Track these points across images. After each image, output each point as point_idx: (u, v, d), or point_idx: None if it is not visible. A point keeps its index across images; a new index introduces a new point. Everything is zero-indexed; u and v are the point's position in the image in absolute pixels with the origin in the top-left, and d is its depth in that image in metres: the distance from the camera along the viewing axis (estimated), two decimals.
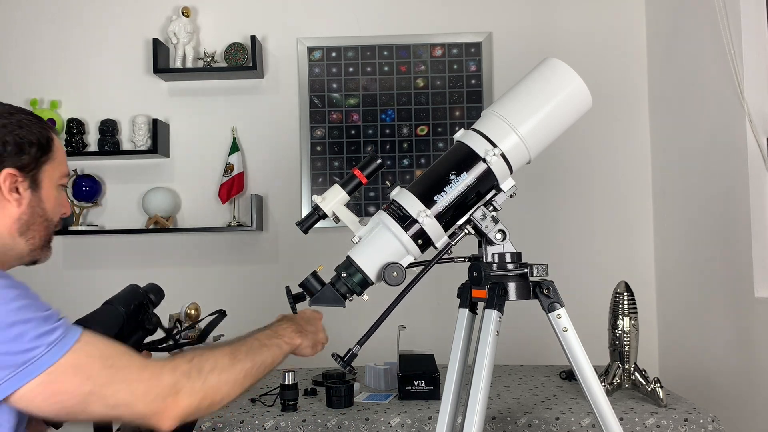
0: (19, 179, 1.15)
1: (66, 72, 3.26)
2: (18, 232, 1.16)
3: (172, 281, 3.18)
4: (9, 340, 0.96)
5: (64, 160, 1.25)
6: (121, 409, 1.03)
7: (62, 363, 0.99)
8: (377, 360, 2.29)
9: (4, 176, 1.13)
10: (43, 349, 0.98)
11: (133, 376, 1.04)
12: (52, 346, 0.99)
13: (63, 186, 1.25)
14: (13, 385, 0.96)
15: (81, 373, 1.00)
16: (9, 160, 1.13)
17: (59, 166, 1.23)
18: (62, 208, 1.25)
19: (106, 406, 1.02)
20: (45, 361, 0.97)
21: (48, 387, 0.98)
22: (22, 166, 1.15)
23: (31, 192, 1.17)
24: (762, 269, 2.34)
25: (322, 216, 1.42)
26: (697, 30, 2.71)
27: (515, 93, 1.43)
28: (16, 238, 1.16)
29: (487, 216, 1.40)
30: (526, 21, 3.24)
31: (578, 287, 2.98)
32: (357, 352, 1.33)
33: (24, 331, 0.97)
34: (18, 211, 1.15)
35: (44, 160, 1.18)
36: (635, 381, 1.97)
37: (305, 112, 3.23)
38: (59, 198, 1.23)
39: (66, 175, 1.26)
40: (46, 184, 1.19)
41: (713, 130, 2.61)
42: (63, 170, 1.24)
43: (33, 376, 0.97)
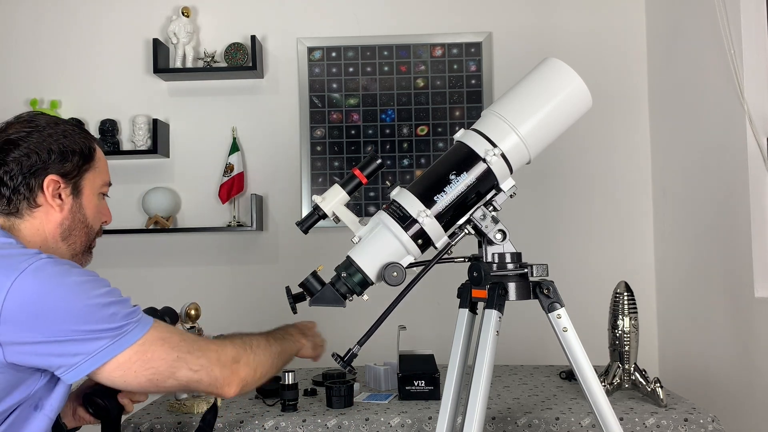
0: (62, 185, 1.22)
1: (66, 72, 3.26)
2: (60, 237, 1.23)
3: (172, 281, 3.22)
4: (107, 315, 1.09)
5: (105, 170, 1.32)
6: (201, 373, 1.18)
7: (150, 335, 1.13)
8: (377, 360, 2.29)
9: (47, 182, 1.20)
10: (133, 325, 1.12)
11: (206, 346, 1.20)
12: (138, 323, 1.13)
13: (104, 194, 1.32)
14: (111, 352, 1.09)
15: (167, 343, 1.15)
16: (53, 167, 1.20)
17: (101, 175, 1.29)
18: (103, 216, 1.32)
19: (190, 370, 1.16)
20: (137, 333, 1.12)
21: (143, 355, 1.12)
22: (65, 173, 1.22)
23: (72, 198, 1.24)
24: (762, 269, 2.34)
25: (322, 216, 1.42)
26: (697, 30, 2.71)
27: (515, 93, 1.43)
28: (59, 243, 1.23)
29: (487, 216, 1.40)
30: (526, 21, 3.24)
31: (578, 287, 2.98)
32: (357, 352, 1.33)
33: (116, 311, 1.11)
34: (60, 216, 1.22)
35: (86, 169, 1.26)
36: (635, 381, 1.97)
37: (305, 112, 3.23)
38: (100, 206, 1.30)
39: (107, 184, 1.32)
40: (87, 191, 1.26)
41: (713, 130, 2.61)
42: (104, 179, 1.31)
43: (129, 344, 1.10)
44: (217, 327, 2.25)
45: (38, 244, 1.20)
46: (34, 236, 1.20)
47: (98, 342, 1.08)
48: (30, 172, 1.19)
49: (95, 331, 1.08)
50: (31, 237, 1.20)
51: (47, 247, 1.21)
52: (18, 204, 1.19)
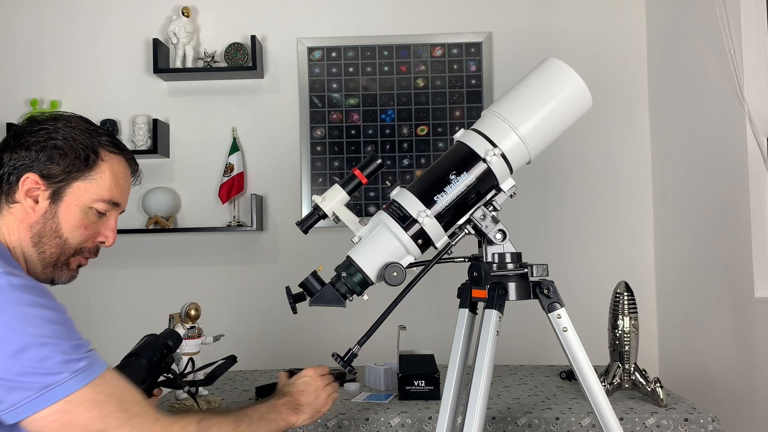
0: (42, 187, 1.13)
1: (66, 72, 3.26)
2: (31, 242, 1.14)
3: (172, 281, 3.22)
4: (37, 359, 0.95)
5: (109, 187, 1.18)
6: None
7: (81, 393, 0.98)
8: (377, 360, 2.29)
9: (24, 180, 1.12)
10: (66, 376, 0.97)
11: (144, 427, 1.03)
12: (75, 375, 0.98)
13: (98, 211, 1.18)
14: (32, 408, 0.95)
15: (97, 409, 0.99)
16: (38, 165, 1.12)
17: (98, 190, 1.17)
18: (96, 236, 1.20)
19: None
20: (66, 389, 0.97)
21: (63, 416, 0.96)
22: (49, 176, 1.13)
23: (49, 203, 1.14)
24: (762, 269, 2.34)
25: (322, 216, 1.42)
26: (697, 30, 2.71)
27: (515, 93, 1.43)
28: (29, 247, 1.14)
29: (487, 216, 1.40)
30: (526, 21, 3.24)
31: (578, 287, 2.98)
32: (357, 352, 1.33)
33: (52, 353, 0.97)
34: (31, 218, 1.13)
35: (77, 176, 1.15)
36: (635, 381, 1.97)
37: (305, 112, 3.23)
38: (83, 220, 1.16)
39: (106, 201, 1.18)
40: (70, 201, 1.15)
41: (713, 130, 2.61)
42: (101, 194, 1.17)
43: (52, 402, 0.96)
44: (217, 327, 2.26)
45: (12, 245, 1.14)
46: (8, 235, 1.14)
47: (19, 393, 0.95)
48: (17, 166, 1.12)
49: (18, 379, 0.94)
50: (8, 234, 1.14)
51: (20, 250, 1.14)
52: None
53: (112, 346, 3.30)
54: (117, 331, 3.20)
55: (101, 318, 3.20)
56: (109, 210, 1.20)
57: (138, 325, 3.15)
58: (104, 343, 3.47)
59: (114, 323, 3.20)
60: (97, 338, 3.62)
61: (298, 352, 3.06)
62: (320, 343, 2.81)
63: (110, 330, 3.20)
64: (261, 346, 3.13)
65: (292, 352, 3.07)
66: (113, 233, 1.22)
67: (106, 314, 3.20)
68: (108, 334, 3.20)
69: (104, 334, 3.20)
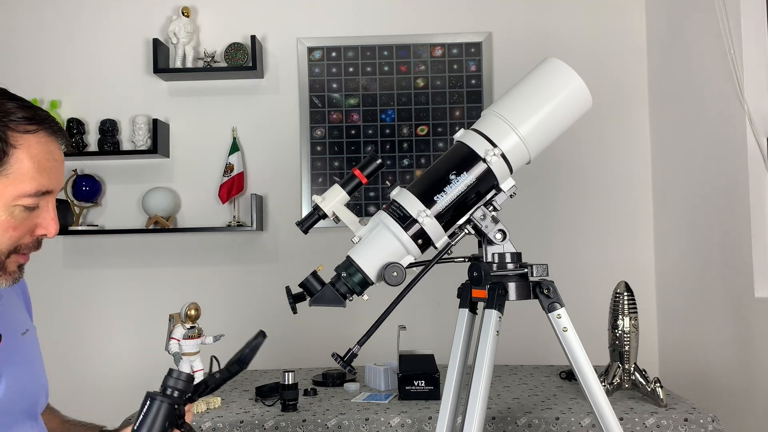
0: None
1: (66, 72, 3.26)
2: None
3: (172, 281, 3.22)
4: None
5: (31, 176, 0.98)
6: None
7: None
8: (377, 360, 2.30)
9: None
10: None
11: None
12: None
13: (25, 207, 0.99)
14: None
15: None
16: None
17: (16, 185, 0.96)
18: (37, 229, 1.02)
19: None
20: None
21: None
22: None
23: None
24: (762, 269, 2.34)
25: (322, 216, 1.42)
26: (697, 30, 2.71)
27: (515, 93, 1.43)
28: None
29: (487, 216, 1.40)
30: (526, 21, 3.24)
31: (578, 287, 2.98)
32: (357, 352, 1.33)
33: None
34: None
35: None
36: (635, 381, 1.97)
37: (305, 112, 3.23)
38: (9, 221, 0.97)
39: (33, 194, 0.98)
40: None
41: (713, 130, 2.61)
42: (23, 189, 0.97)
43: None
44: (217, 327, 2.26)
45: None
46: None
47: None
48: None
49: None
50: None
51: None
52: None
53: (112, 346, 3.32)
54: (117, 331, 3.20)
55: (101, 318, 3.20)
56: (39, 202, 1.00)
57: (138, 325, 3.17)
58: (104, 343, 3.49)
59: (114, 323, 3.20)
60: (97, 338, 3.63)
61: (298, 352, 3.06)
62: (320, 343, 2.81)
63: (110, 330, 3.20)
64: (261, 346, 3.12)
65: (292, 352, 3.07)
66: (54, 223, 1.03)
67: (106, 314, 3.20)
68: (108, 334, 3.21)
69: (104, 334, 3.21)
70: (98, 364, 3.18)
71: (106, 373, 3.17)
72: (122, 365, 3.17)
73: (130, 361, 3.17)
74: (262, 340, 1.13)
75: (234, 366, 1.09)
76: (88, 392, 3.12)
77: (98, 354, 3.18)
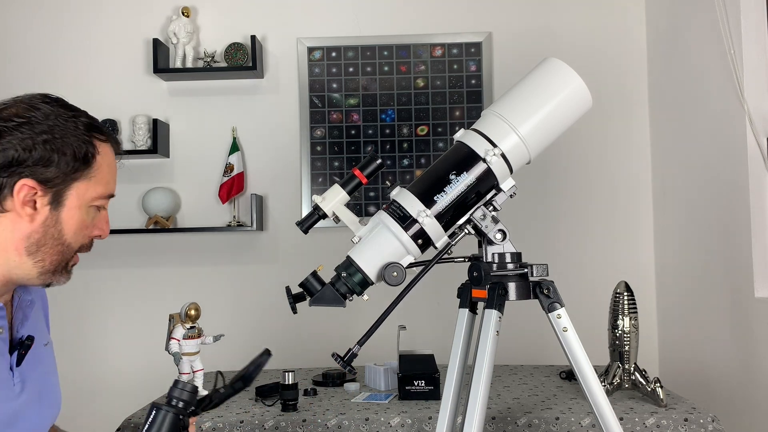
0: (39, 192, 1.01)
1: (66, 72, 3.26)
2: (26, 251, 1.03)
3: (172, 281, 3.22)
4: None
5: (107, 180, 1.10)
6: None
7: None
8: (377, 360, 2.29)
9: (20, 187, 1.00)
10: None
11: None
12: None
13: (98, 208, 1.10)
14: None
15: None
16: (30, 169, 1.00)
17: (97, 186, 1.08)
18: (94, 231, 1.11)
19: None
20: None
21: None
22: (46, 180, 1.01)
23: (50, 209, 1.03)
24: (762, 269, 2.34)
25: (322, 216, 1.42)
26: (697, 30, 2.71)
27: (515, 93, 1.43)
28: (23, 257, 1.03)
29: (487, 216, 1.40)
30: (526, 21, 3.24)
31: (578, 287, 2.98)
32: (357, 352, 1.33)
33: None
34: (30, 227, 1.02)
35: (77, 177, 1.04)
36: (635, 381, 1.97)
37: (305, 112, 3.23)
38: (85, 221, 1.08)
39: (105, 196, 1.10)
40: (72, 203, 1.05)
41: (713, 130, 2.61)
42: (101, 191, 1.09)
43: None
44: (217, 327, 2.26)
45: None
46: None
47: None
48: (3, 170, 0.99)
49: None
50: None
51: (8, 260, 1.03)
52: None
53: (113, 347, 3.32)
54: (117, 331, 3.20)
55: (101, 318, 3.20)
56: (107, 203, 1.12)
57: (138, 325, 3.17)
58: (104, 343, 3.49)
59: (114, 323, 3.20)
60: (97, 338, 3.63)
61: (298, 352, 3.05)
62: (320, 343, 2.81)
63: (110, 330, 3.20)
64: (261, 346, 3.10)
65: (292, 352, 3.07)
66: (108, 225, 1.14)
67: (106, 314, 3.20)
68: (108, 335, 3.21)
69: (104, 334, 3.21)
70: (98, 364, 3.18)
71: (106, 373, 3.17)
72: (122, 365, 3.17)
73: (130, 361, 3.17)
74: (267, 359, 1.15)
75: (238, 383, 1.11)
76: (88, 392, 3.12)
77: (98, 354, 3.18)
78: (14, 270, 1.05)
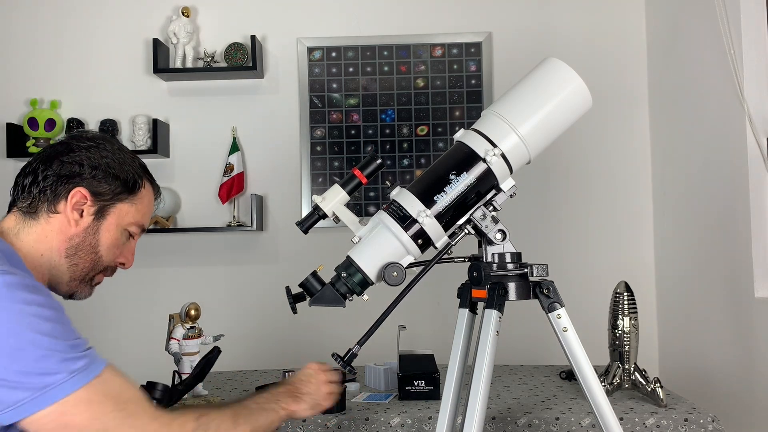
0: (88, 202, 1.17)
1: (66, 72, 3.26)
2: (65, 253, 1.16)
3: (172, 281, 3.22)
4: (34, 359, 0.95)
5: (144, 213, 1.25)
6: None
7: (78, 395, 0.97)
8: (377, 360, 2.29)
9: (74, 193, 1.15)
10: (64, 376, 0.96)
11: (142, 425, 1.02)
12: (73, 375, 0.97)
13: (131, 234, 1.25)
14: (29, 408, 0.94)
15: (92, 410, 0.98)
16: (88, 181, 1.16)
17: (135, 213, 1.23)
18: (120, 255, 1.25)
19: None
20: (64, 389, 0.96)
21: (59, 417, 0.96)
22: (97, 193, 1.17)
23: (93, 219, 1.18)
24: (762, 269, 2.34)
25: (322, 216, 1.42)
26: (697, 30, 2.71)
27: (515, 93, 1.43)
28: (62, 258, 1.16)
29: (487, 216, 1.40)
30: (526, 21, 3.24)
31: (578, 287, 2.98)
32: (357, 352, 1.33)
33: (51, 353, 0.96)
34: (72, 231, 1.16)
35: (122, 198, 1.20)
36: (635, 381, 1.97)
37: (305, 112, 3.23)
38: (119, 240, 1.22)
39: (139, 226, 1.25)
40: (112, 220, 1.20)
41: (713, 130, 2.61)
42: (138, 219, 1.24)
43: (50, 403, 0.95)
44: (217, 327, 2.26)
45: (40, 252, 1.15)
46: (39, 242, 1.15)
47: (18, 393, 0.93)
48: (64, 178, 1.15)
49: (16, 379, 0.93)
50: (36, 243, 1.15)
51: (49, 259, 1.16)
52: (38, 205, 1.15)
53: (112, 346, 3.31)
54: (117, 331, 3.20)
55: (101, 318, 3.19)
56: (138, 234, 1.27)
57: (138, 325, 3.17)
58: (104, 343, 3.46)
59: (114, 323, 3.20)
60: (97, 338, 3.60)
61: (298, 352, 3.05)
62: (320, 343, 2.81)
63: (110, 330, 3.20)
64: (261, 346, 3.13)
65: (292, 352, 3.07)
66: (133, 257, 1.29)
67: (106, 314, 3.20)
68: (108, 334, 3.21)
69: (104, 334, 3.20)
70: None
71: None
72: (122, 365, 3.15)
73: (129, 360, 3.15)
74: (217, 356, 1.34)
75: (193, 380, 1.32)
76: None
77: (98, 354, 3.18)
78: (53, 270, 1.17)
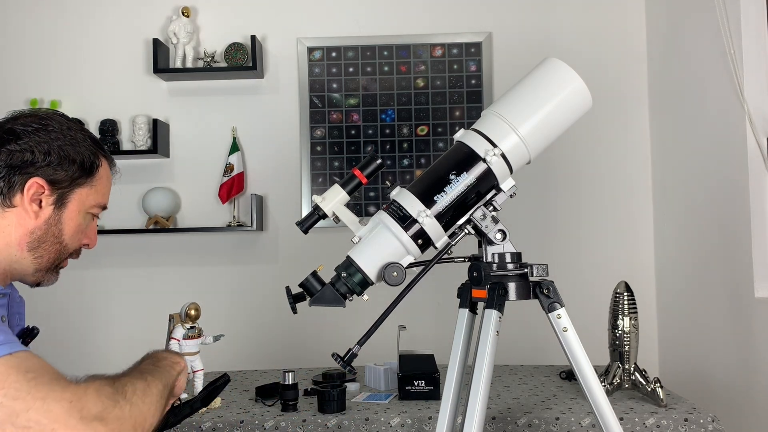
0: (46, 192, 1.11)
1: (66, 72, 3.26)
2: (27, 247, 1.11)
3: (172, 281, 3.22)
4: None
5: (104, 192, 1.20)
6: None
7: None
8: (377, 360, 2.29)
9: (30, 184, 1.09)
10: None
11: (52, 393, 0.90)
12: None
13: (94, 216, 1.20)
14: None
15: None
16: (43, 170, 1.10)
17: (96, 195, 1.18)
18: (85, 238, 1.20)
19: (15, 426, 0.87)
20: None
21: None
22: (55, 181, 1.11)
23: (54, 209, 1.12)
24: (762, 269, 2.34)
25: (322, 216, 1.42)
26: (697, 30, 2.71)
27: (515, 93, 1.43)
28: (24, 252, 1.11)
29: (487, 216, 1.40)
30: (526, 21, 3.24)
31: (578, 287, 2.98)
32: (357, 352, 1.33)
33: None
34: (33, 224, 1.10)
35: (81, 183, 1.15)
36: (635, 381, 1.97)
37: (305, 112, 3.23)
38: (82, 225, 1.17)
39: (101, 206, 1.20)
40: (74, 206, 1.15)
41: (713, 130, 2.61)
42: (99, 200, 1.19)
43: None
44: (217, 327, 2.26)
45: None
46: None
47: None
48: (16, 168, 1.08)
49: None
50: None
51: (10, 254, 1.10)
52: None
53: (112, 346, 3.32)
54: (117, 332, 3.20)
55: (101, 318, 3.20)
56: (99, 212, 1.22)
57: (138, 325, 3.17)
58: (104, 343, 3.48)
59: (114, 323, 3.20)
60: (97, 338, 3.62)
61: (298, 352, 3.06)
62: (320, 343, 2.81)
63: (110, 330, 3.20)
64: (261, 346, 3.13)
65: (292, 352, 3.07)
66: (96, 236, 1.24)
67: (106, 314, 3.20)
68: (108, 334, 3.21)
69: (104, 334, 3.21)
70: (98, 364, 3.17)
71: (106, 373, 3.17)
72: (122, 365, 3.16)
73: (129, 360, 3.15)
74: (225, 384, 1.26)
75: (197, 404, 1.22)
76: None
77: (98, 354, 3.18)
78: (14, 264, 1.12)
